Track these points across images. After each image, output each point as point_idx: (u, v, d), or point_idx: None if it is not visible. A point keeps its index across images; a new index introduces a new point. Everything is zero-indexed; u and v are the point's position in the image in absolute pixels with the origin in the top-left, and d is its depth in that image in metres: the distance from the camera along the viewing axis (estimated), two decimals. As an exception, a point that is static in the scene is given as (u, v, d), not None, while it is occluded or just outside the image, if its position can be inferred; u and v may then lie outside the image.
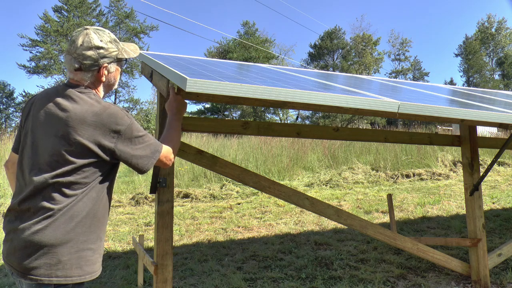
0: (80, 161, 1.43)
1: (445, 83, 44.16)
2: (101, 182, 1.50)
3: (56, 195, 1.40)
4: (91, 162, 1.45)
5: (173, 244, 2.83)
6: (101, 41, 1.56)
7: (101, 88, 1.62)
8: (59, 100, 1.48)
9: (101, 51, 1.55)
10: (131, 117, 1.53)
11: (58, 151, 1.43)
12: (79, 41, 1.53)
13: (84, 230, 1.44)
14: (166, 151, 1.64)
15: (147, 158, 1.54)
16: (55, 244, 1.38)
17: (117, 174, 1.65)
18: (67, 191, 1.41)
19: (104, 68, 1.58)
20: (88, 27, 1.58)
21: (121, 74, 1.75)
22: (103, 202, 1.52)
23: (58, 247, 1.38)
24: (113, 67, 1.62)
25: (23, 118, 1.60)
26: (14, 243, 1.41)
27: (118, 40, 1.65)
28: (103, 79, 1.59)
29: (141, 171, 1.55)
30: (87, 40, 1.53)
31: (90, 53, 1.53)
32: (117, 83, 1.72)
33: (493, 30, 50.19)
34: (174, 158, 1.70)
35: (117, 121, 1.47)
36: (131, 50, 1.70)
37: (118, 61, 1.64)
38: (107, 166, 1.51)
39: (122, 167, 10.69)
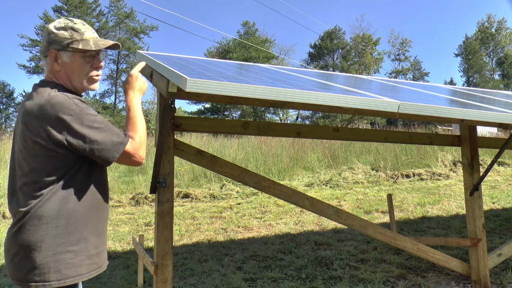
0: (37, 158, 1.36)
1: (445, 83, 44.16)
2: (71, 179, 1.40)
3: (24, 197, 1.38)
4: (47, 157, 1.36)
5: (173, 244, 2.83)
6: (54, 26, 1.49)
7: (62, 81, 1.50)
8: (26, 99, 1.46)
9: (51, 36, 1.48)
10: (83, 106, 1.39)
11: (20, 150, 1.41)
12: None
13: (59, 231, 1.36)
14: (134, 145, 1.46)
15: (107, 151, 1.39)
16: (28, 247, 1.34)
17: (103, 171, 1.52)
18: (32, 191, 1.36)
19: (53, 54, 1.48)
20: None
21: (93, 70, 1.54)
22: (84, 202, 1.42)
23: (32, 251, 1.34)
24: (66, 56, 1.48)
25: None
26: (3, 248, 1.45)
27: (80, 30, 1.50)
28: (55, 67, 1.48)
29: (105, 163, 1.42)
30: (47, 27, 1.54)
31: (43, 39, 1.51)
32: (85, 79, 1.52)
33: (493, 30, 50.20)
34: (145, 152, 1.49)
35: (62, 110, 1.35)
36: (99, 43, 1.53)
37: (74, 51, 1.48)
38: (70, 162, 1.39)
39: (123, 167, 10.68)
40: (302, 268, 3.80)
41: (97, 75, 1.56)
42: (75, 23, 1.51)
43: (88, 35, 1.52)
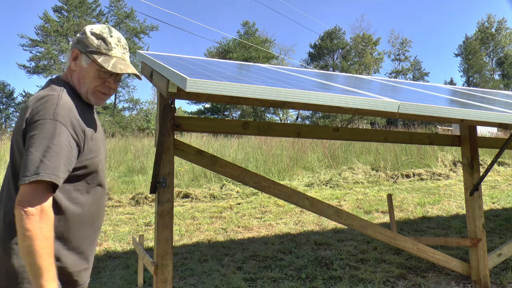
0: (15, 151, 1.33)
1: (445, 83, 44.15)
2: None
3: (7, 195, 1.35)
4: (23, 154, 1.27)
5: (173, 244, 2.83)
6: (90, 29, 1.47)
7: (73, 82, 1.45)
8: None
9: (82, 36, 1.46)
10: (60, 119, 1.28)
11: (13, 137, 1.39)
12: None
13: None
14: (44, 198, 1.21)
15: (27, 168, 1.20)
16: (5, 251, 1.29)
17: (91, 184, 1.40)
18: (16, 193, 1.28)
19: (75, 53, 1.45)
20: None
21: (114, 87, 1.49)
22: (63, 217, 1.32)
23: (10, 256, 1.28)
24: (84, 60, 1.44)
25: None
26: None
27: (110, 44, 1.46)
28: (72, 65, 1.45)
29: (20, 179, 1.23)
30: None
31: (77, 35, 1.50)
32: (91, 91, 1.45)
33: (493, 30, 50.20)
34: (32, 225, 1.18)
35: (41, 111, 1.28)
36: (118, 66, 1.44)
37: (93, 60, 1.43)
38: None
39: (123, 167, 10.68)
40: (302, 268, 3.80)
41: (104, 94, 1.48)
42: (111, 36, 1.47)
43: (114, 53, 1.46)
